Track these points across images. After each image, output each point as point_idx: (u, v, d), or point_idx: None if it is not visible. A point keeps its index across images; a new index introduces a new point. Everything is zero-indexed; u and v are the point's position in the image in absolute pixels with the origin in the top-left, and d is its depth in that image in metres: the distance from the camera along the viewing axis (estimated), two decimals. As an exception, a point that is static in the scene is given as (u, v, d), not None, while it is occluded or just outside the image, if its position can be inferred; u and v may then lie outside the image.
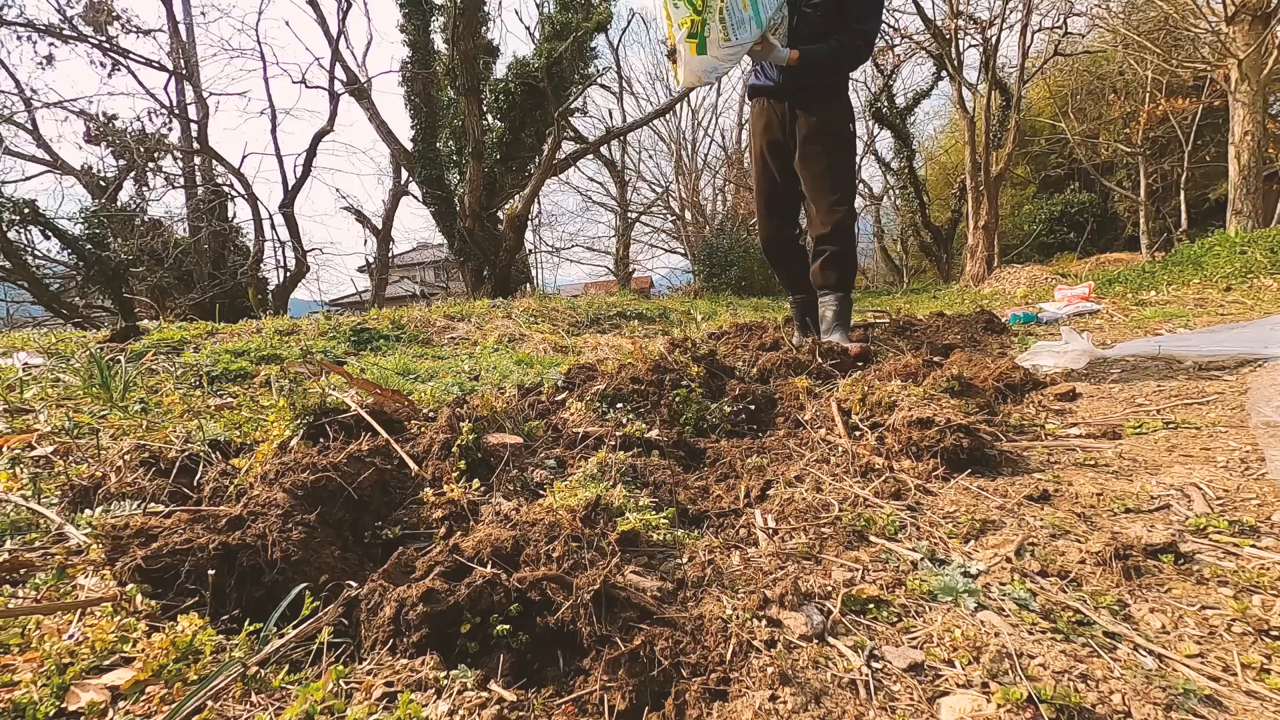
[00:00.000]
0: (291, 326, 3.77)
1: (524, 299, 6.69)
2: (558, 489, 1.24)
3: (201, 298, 11.28)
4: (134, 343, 2.95)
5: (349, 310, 6.21)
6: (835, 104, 2.83)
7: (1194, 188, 14.75)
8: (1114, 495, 1.20)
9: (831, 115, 2.82)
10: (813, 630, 0.81)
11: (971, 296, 8.77)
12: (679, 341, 2.21)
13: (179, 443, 1.47)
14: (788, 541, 1.09)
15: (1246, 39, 8.66)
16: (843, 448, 1.50)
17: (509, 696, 0.71)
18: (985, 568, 0.96)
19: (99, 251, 10.25)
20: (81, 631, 0.82)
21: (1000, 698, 0.66)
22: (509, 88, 11.68)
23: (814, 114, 2.80)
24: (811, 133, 2.80)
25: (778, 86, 2.86)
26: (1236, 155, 8.94)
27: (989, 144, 13.35)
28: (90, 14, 11.73)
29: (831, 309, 2.91)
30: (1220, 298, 4.82)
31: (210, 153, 12.53)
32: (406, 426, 1.56)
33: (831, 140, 2.81)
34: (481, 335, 4.11)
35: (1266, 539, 1.00)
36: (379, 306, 8.26)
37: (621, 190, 21.27)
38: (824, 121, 2.80)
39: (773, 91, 2.90)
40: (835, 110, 2.83)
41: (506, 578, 0.82)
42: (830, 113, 2.82)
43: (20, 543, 1.09)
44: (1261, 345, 2.22)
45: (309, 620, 0.83)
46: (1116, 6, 13.04)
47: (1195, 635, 0.80)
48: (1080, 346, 2.55)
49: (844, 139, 2.87)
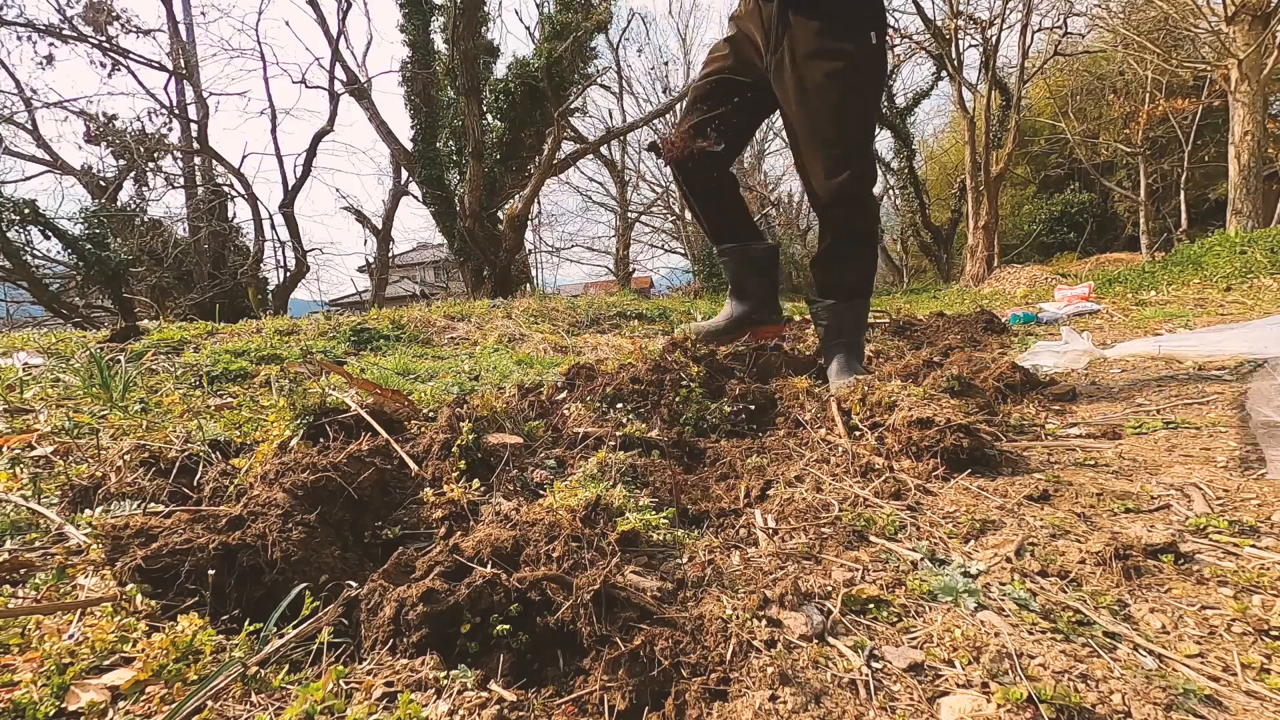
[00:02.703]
0: (291, 326, 3.77)
1: (524, 299, 6.70)
2: (558, 489, 1.24)
3: (201, 298, 11.29)
4: (134, 343, 2.95)
5: (349, 310, 6.22)
6: (855, 6, 1.84)
7: (1194, 188, 14.76)
8: (1114, 495, 1.20)
9: (849, 19, 1.82)
10: (813, 630, 0.81)
11: (971, 296, 8.77)
12: (679, 341, 2.20)
13: (179, 443, 1.47)
14: (788, 541, 1.09)
15: (1246, 39, 8.66)
16: (843, 448, 1.50)
17: (509, 696, 0.71)
18: (985, 568, 0.96)
19: (99, 251, 10.25)
20: (81, 631, 0.82)
21: (1000, 698, 0.66)
22: (509, 88, 11.69)
23: (818, 19, 1.81)
24: (811, 52, 1.83)
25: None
26: (1236, 155, 8.94)
27: (989, 144, 13.36)
28: (90, 14, 11.74)
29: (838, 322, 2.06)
30: (1220, 298, 4.82)
31: (210, 153, 12.54)
32: (406, 426, 1.56)
33: (846, 60, 1.82)
34: (481, 335, 4.11)
35: (1266, 539, 1.00)
36: (379, 306, 8.27)
37: (621, 190, 21.29)
38: (834, 31, 1.81)
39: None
40: (855, 14, 1.83)
41: (506, 578, 0.82)
42: (847, 16, 1.82)
43: (20, 543, 1.09)
44: (1261, 345, 2.22)
45: (309, 620, 0.82)
46: (1116, 6, 13.04)
47: (1195, 635, 0.80)
48: (1080, 346, 2.55)
49: (866, 60, 1.85)
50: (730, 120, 2.08)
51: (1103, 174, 16.78)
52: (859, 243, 2.05)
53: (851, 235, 2.03)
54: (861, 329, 2.13)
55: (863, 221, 2.01)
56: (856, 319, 2.10)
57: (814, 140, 1.91)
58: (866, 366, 2.17)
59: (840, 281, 2.07)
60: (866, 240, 2.07)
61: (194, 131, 12.84)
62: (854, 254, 2.06)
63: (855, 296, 2.08)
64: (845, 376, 1.95)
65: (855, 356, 2.08)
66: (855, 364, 2.06)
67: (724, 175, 2.19)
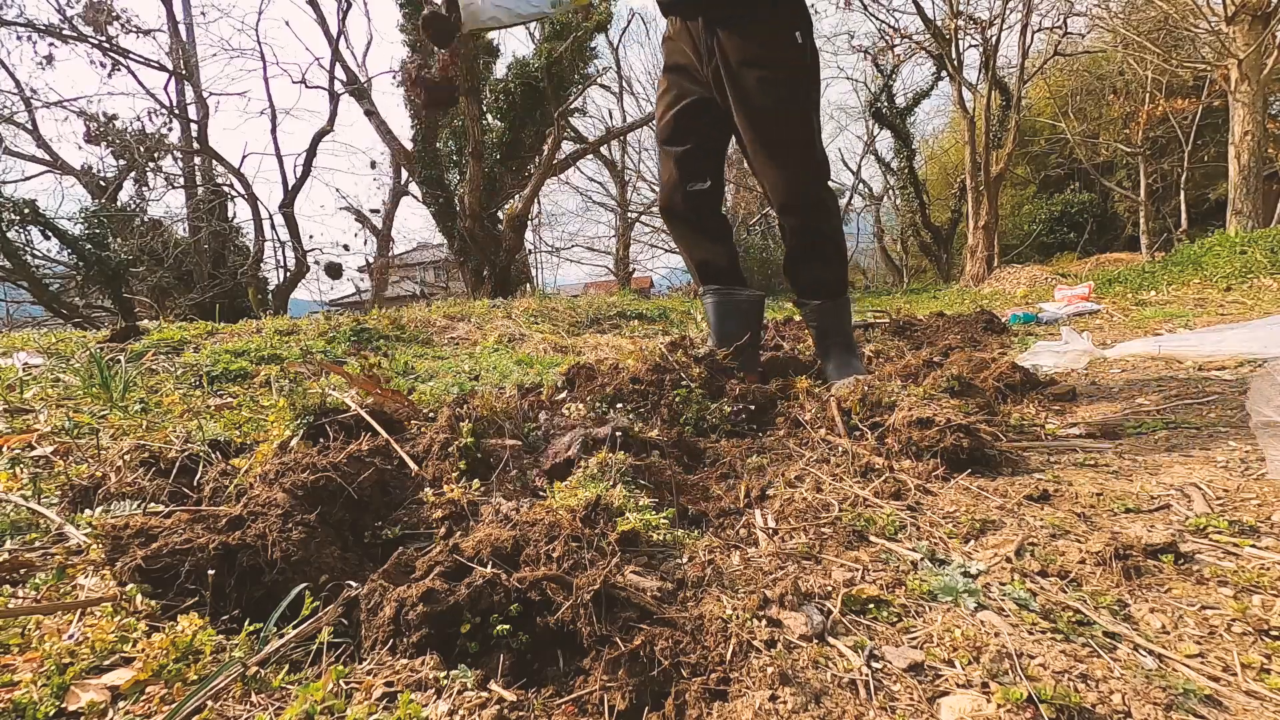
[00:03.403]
0: (291, 326, 3.77)
1: (524, 299, 6.70)
2: (558, 489, 1.24)
3: (201, 298, 11.28)
4: (134, 343, 2.95)
5: (349, 310, 6.21)
6: (776, 10, 1.90)
7: (1194, 188, 14.76)
8: (1114, 495, 1.20)
9: (772, 24, 1.89)
10: (813, 630, 0.81)
11: (971, 296, 8.78)
12: (679, 341, 2.20)
13: (179, 443, 1.47)
14: (788, 541, 1.09)
15: (1246, 39, 8.67)
16: (843, 448, 1.50)
17: (509, 696, 0.71)
18: (985, 568, 0.96)
19: (99, 251, 10.25)
20: (81, 631, 0.82)
21: (1000, 698, 0.66)
22: (509, 88, 11.69)
23: (743, 28, 1.89)
24: (742, 61, 1.88)
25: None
26: (1236, 155, 8.94)
27: (989, 144, 13.36)
28: (90, 14, 11.73)
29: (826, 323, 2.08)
30: (1220, 298, 4.82)
31: (210, 153, 12.54)
32: (406, 426, 1.56)
33: (775, 66, 1.88)
34: (481, 335, 4.11)
35: (1266, 539, 1.00)
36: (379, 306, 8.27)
37: (621, 190, 21.29)
38: (760, 38, 1.89)
39: (683, 7, 1.99)
40: (777, 18, 1.89)
41: (506, 578, 0.82)
42: (771, 22, 1.89)
43: (20, 543, 1.09)
44: (1261, 345, 2.22)
45: (309, 620, 0.83)
46: (1116, 6, 13.05)
47: (1195, 635, 0.80)
48: (1080, 346, 2.55)
49: (794, 60, 1.90)
50: (705, 147, 2.11)
51: (1103, 174, 16.78)
52: (824, 240, 2.06)
53: (814, 233, 2.04)
54: (849, 324, 2.14)
55: (823, 218, 2.03)
56: (845, 314, 2.12)
57: (762, 145, 1.95)
58: (866, 366, 2.19)
59: (815, 281, 2.09)
60: (831, 237, 2.08)
61: (194, 131, 12.83)
62: (821, 253, 2.07)
63: (835, 295, 2.10)
64: (844, 375, 1.98)
65: (851, 353, 2.10)
66: (853, 360, 2.07)
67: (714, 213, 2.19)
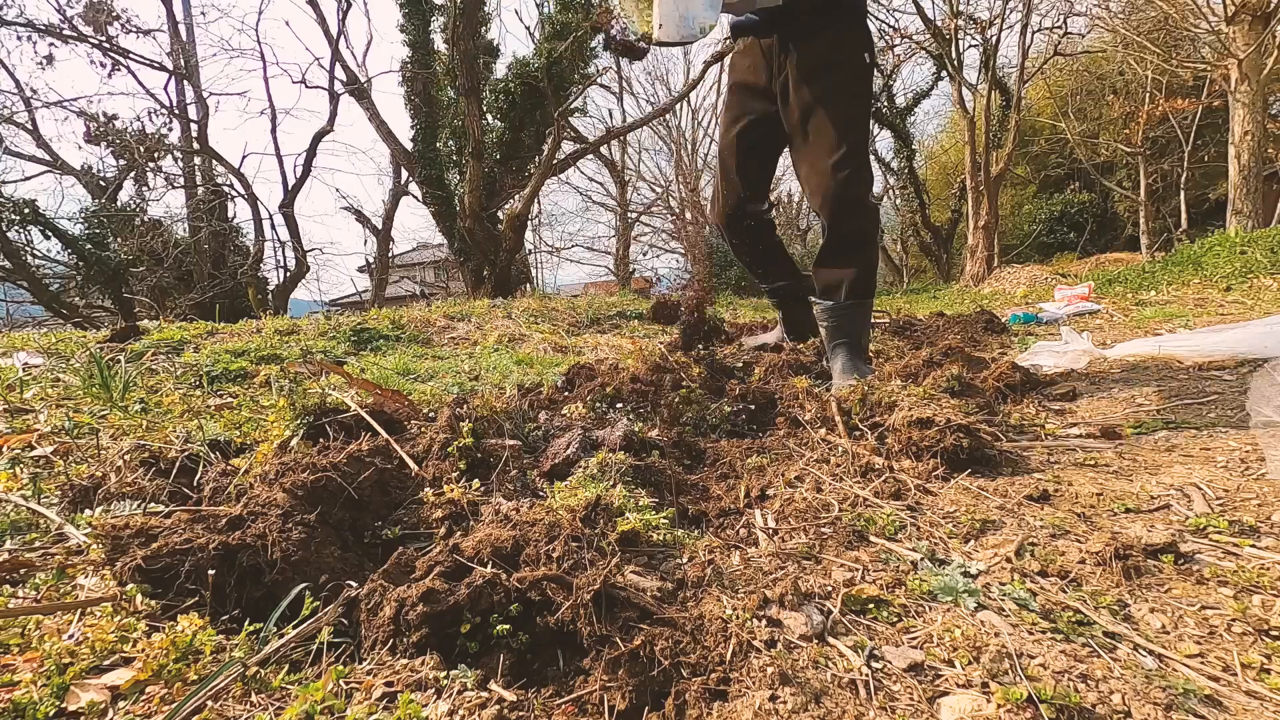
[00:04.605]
0: (291, 326, 3.76)
1: (524, 299, 6.70)
2: (558, 489, 1.24)
3: (201, 298, 11.28)
4: (134, 343, 2.95)
5: (349, 310, 6.21)
6: (850, 33, 2.08)
7: (1194, 188, 14.75)
8: (1114, 495, 1.20)
9: (844, 44, 2.07)
10: (813, 630, 0.81)
11: (971, 296, 8.77)
12: (679, 342, 2.20)
13: (179, 443, 1.47)
14: (788, 541, 1.09)
15: (1246, 39, 8.66)
16: (843, 448, 1.50)
17: (509, 696, 0.71)
18: (985, 568, 0.96)
19: (99, 251, 10.26)
20: (81, 631, 0.82)
21: (1000, 698, 0.66)
22: (509, 88, 11.68)
23: (818, 43, 2.06)
24: (812, 69, 2.05)
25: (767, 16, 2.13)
26: (1236, 155, 8.94)
27: (989, 144, 13.35)
28: (90, 14, 11.73)
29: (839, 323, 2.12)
30: (1220, 298, 4.82)
31: (210, 153, 12.53)
32: (406, 426, 1.56)
33: (843, 75, 2.05)
34: (481, 335, 4.11)
35: (1266, 539, 1.00)
36: (379, 306, 8.27)
37: (621, 190, 21.27)
38: (832, 51, 2.06)
39: (759, 27, 2.18)
40: (850, 39, 2.08)
41: (506, 578, 0.82)
42: (842, 41, 2.07)
43: (20, 543, 1.09)
44: (1261, 345, 2.22)
45: (309, 620, 0.83)
46: (1116, 6, 13.04)
47: (1195, 635, 0.80)
48: (1080, 346, 2.55)
49: (859, 75, 2.09)
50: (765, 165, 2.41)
51: (1103, 174, 16.77)
52: (860, 242, 2.13)
53: (852, 234, 2.11)
54: (865, 329, 2.16)
55: (861, 220, 2.10)
56: (860, 319, 2.13)
57: (818, 145, 2.07)
58: (871, 367, 2.20)
59: (842, 282, 2.12)
60: (867, 240, 2.15)
61: (194, 131, 12.82)
62: (855, 254, 2.12)
63: (858, 297, 2.11)
64: (849, 377, 1.99)
65: (859, 356, 2.11)
66: (860, 363, 2.09)
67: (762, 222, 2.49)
